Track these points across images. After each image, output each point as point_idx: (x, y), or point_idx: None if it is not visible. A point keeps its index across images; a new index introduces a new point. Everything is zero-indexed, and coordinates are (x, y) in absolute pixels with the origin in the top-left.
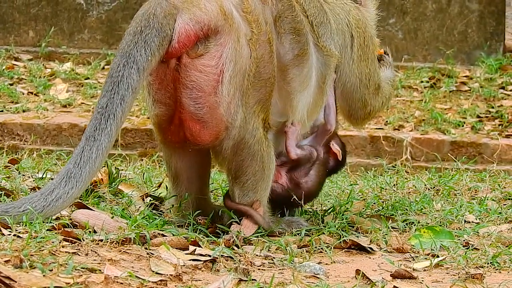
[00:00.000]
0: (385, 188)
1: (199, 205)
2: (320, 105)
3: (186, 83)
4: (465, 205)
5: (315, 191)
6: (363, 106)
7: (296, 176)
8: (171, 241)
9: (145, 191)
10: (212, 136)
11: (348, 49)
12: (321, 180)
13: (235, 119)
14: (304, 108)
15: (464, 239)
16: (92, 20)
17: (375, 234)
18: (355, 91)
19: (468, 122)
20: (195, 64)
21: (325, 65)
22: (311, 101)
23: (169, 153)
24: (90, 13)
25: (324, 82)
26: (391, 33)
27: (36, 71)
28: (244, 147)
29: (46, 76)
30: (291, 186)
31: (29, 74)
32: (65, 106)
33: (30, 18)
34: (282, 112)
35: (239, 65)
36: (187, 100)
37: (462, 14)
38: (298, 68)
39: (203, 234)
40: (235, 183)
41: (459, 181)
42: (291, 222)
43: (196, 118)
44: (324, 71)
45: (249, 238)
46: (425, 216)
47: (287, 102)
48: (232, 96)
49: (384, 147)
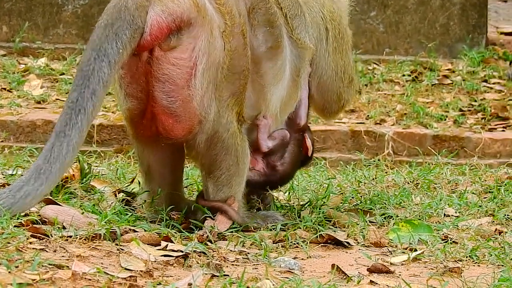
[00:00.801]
0: (363, 182)
1: (172, 200)
2: (294, 99)
3: (159, 76)
4: (445, 199)
5: (291, 172)
6: (337, 99)
7: (272, 161)
8: (142, 237)
9: (118, 187)
10: (185, 130)
11: (323, 42)
12: (296, 160)
13: (208, 113)
14: (277, 101)
15: (443, 233)
16: (67, 14)
17: (352, 229)
18: (331, 84)
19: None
20: (167, 57)
21: (299, 58)
22: (284, 95)
23: (142, 148)
24: (65, 7)
25: (299, 75)
26: (372, 26)
27: (10, 66)
28: (217, 141)
29: (20, 71)
30: (268, 171)
31: (3, 70)
32: (39, 102)
33: (4, 13)
34: (255, 105)
35: (213, 57)
36: (160, 94)
37: (444, 6)
38: (272, 61)
39: (176, 229)
40: (209, 178)
41: (439, 175)
42: (266, 217)
43: (169, 112)
44: (298, 64)
45: (223, 234)
46: (403, 210)
47: (261, 95)
48: (206, 89)
49: (366, 141)
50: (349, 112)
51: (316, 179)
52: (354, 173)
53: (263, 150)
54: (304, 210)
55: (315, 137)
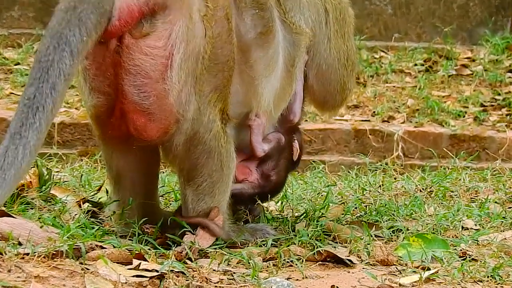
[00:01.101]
0: (368, 190)
1: (145, 211)
2: (289, 92)
3: (129, 68)
4: (463, 209)
5: (284, 181)
6: (341, 89)
7: (267, 170)
8: (111, 254)
9: (83, 196)
10: (160, 130)
11: (322, 25)
12: (288, 168)
13: (187, 110)
14: (270, 96)
15: (460, 249)
16: None
17: (355, 244)
18: (333, 73)
19: (470, 112)
20: (139, 46)
21: (294, 45)
22: (278, 88)
23: (110, 151)
24: None
25: (293, 65)
26: (378, 7)
27: None
28: (198, 143)
29: None
30: (262, 181)
31: None
32: None
33: None
34: (244, 101)
35: (192, 46)
36: (130, 88)
37: None
38: (262, 49)
39: (150, 245)
40: (188, 185)
41: (457, 181)
42: (255, 231)
43: (141, 110)
44: (293, 52)
45: (205, 250)
46: (415, 222)
47: (250, 89)
48: (184, 83)
49: (372, 142)
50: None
51: (314, 187)
52: (358, 179)
53: (258, 155)
54: (299, 223)
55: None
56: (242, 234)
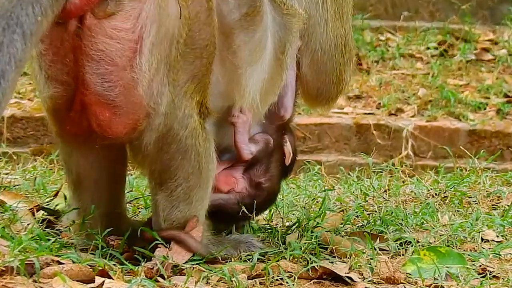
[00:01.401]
0: (372, 196)
1: (110, 221)
2: (278, 84)
3: (91, 54)
4: (483, 218)
5: (278, 188)
6: (337, 80)
7: (255, 176)
8: (70, 271)
9: (37, 202)
10: (128, 126)
11: (318, 5)
12: (280, 173)
13: (159, 103)
14: (256, 87)
15: (480, 264)
16: None
17: (357, 259)
18: (329, 61)
19: (492, 104)
20: (103, 27)
21: (285, 28)
22: (266, 78)
23: (69, 150)
24: None
25: (284, 52)
26: None
27: None
28: (172, 142)
29: None
30: (252, 191)
31: None
32: None
33: None
34: (226, 93)
35: (164, 28)
36: (93, 77)
37: None
38: (248, 32)
39: (116, 261)
40: (160, 191)
41: (476, 185)
42: (239, 243)
43: (106, 102)
44: (283, 37)
45: (181, 266)
46: (426, 233)
47: (233, 79)
48: (155, 71)
49: (376, 139)
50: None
51: (308, 191)
52: (360, 182)
53: (245, 158)
54: (291, 234)
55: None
56: (224, 247)
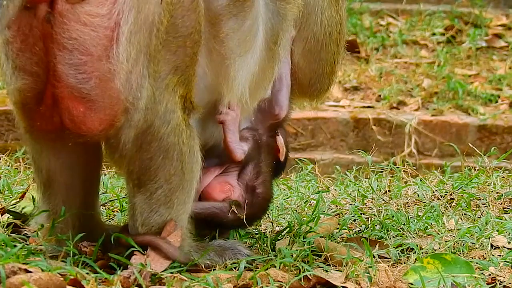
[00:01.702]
0: (371, 198)
1: (83, 225)
2: (269, 78)
3: (63, 42)
4: (493, 222)
5: (271, 193)
6: (330, 71)
7: (250, 181)
8: (38, 280)
9: (2, 205)
10: (104, 122)
11: None
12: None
13: (138, 97)
14: (245, 80)
15: (489, 273)
16: None
17: (353, 267)
18: (323, 50)
19: (504, 96)
20: (76, 13)
21: (278, 16)
22: (256, 71)
23: (39, 147)
24: None
25: (276, 42)
26: None
27: None
28: (153, 139)
29: None
30: (248, 197)
31: None
32: None
33: None
34: (213, 86)
35: (144, 14)
36: (65, 68)
37: None
38: (237, 20)
39: (89, 269)
40: (139, 193)
41: (486, 186)
42: (224, 250)
43: (79, 96)
44: (276, 25)
45: (160, 275)
46: (430, 239)
47: (221, 71)
48: (134, 62)
49: (376, 135)
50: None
51: (300, 193)
52: (357, 183)
53: (238, 159)
54: (281, 240)
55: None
56: (207, 254)
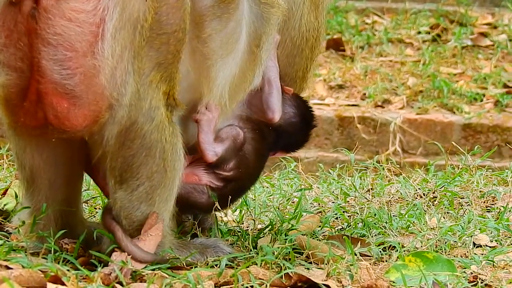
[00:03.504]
0: (353, 196)
1: (64, 222)
2: (250, 80)
3: (48, 38)
4: (476, 220)
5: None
6: (302, 76)
7: (223, 172)
8: (19, 277)
9: None
10: (88, 118)
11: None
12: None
13: (122, 93)
14: (225, 82)
15: (471, 272)
16: None
17: (335, 265)
18: (298, 56)
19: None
20: (61, 9)
21: (262, 20)
22: (237, 73)
23: (23, 144)
24: None
25: (259, 46)
26: None
27: None
28: (136, 136)
29: None
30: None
31: None
32: None
33: None
34: (195, 86)
35: (129, 10)
36: (50, 64)
37: None
38: (220, 21)
39: (70, 266)
40: (120, 189)
41: (469, 184)
42: (206, 248)
43: (63, 92)
44: (260, 28)
45: (140, 272)
46: (412, 237)
47: (202, 71)
48: (119, 58)
49: (361, 133)
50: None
51: (282, 191)
52: (340, 181)
53: (208, 160)
54: (263, 237)
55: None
56: (188, 252)
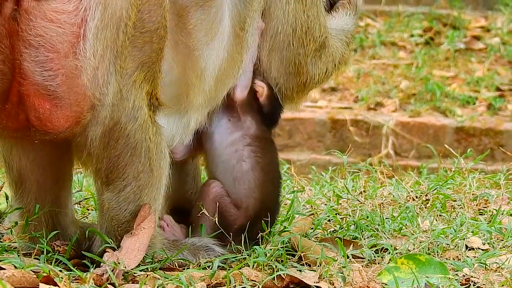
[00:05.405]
0: (346, 198)
1: (56, 223)
2: (238, 65)
3: (29, 39)
4: (468, 223)
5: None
6: (296, 72)
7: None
8: (11, 277)
9: None
10: (70, 119)
11: None
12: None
13: (105, 94)
14: (213, 69)
15: (463, 274)
16: None
17: (327, 267)
18: (287, 48)
19: (482, 98)
20: (42, 10)
21: (244, 2)
22: (225, 57)
23: (8, 146)
24: None
25: (244, 28)
26: None
27: None
28: (120, 136)
29: None
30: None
31: None
32: None
33: None
34: (179, 80)
35: (111, 10)
36: (31, 65)
37: None
38: (203, 10)
39: (62, 266)
40: (107, 191)
41: (461, 187)
42: (198, 248)
43: (45, 93)
44: (243, 11)
45: (133, 273)
46: (404, 240)
47: (188, 63)
48: (101, 58)
49: (353, 136)
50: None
51: None
52: (333, 183)
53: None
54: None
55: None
56: (180, 253)
